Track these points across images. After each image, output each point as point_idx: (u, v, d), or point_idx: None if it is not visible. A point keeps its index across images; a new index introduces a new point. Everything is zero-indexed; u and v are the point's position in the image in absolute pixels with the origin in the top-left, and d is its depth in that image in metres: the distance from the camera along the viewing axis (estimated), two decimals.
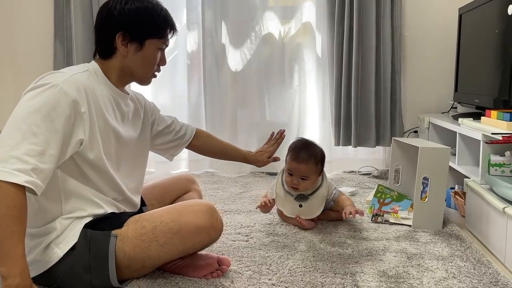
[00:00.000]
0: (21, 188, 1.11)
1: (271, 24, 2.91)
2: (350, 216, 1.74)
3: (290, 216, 1.85)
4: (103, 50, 1.36)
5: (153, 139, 1.64)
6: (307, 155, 1.78)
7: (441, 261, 1.52)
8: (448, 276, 1.40)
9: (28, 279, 1.11)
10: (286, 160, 1.86)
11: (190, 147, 1.74)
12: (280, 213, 1.94)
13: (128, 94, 1.45)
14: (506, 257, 1.50)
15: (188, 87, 2.97)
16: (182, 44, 2.95)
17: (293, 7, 2.89)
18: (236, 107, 2.96)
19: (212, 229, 1.33)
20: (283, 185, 1.88)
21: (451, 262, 1.51)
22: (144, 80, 1.43)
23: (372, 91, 2.75)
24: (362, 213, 1.80)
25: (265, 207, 1.89)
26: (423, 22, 2.82)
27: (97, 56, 1.38)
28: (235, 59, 2.92)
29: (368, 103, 2.77)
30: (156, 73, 1.43)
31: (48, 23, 2.94)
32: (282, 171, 1.91)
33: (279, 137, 1.84)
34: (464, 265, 1.49)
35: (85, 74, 1.31)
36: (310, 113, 2.96)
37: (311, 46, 2.90)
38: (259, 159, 1.80)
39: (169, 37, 1.40)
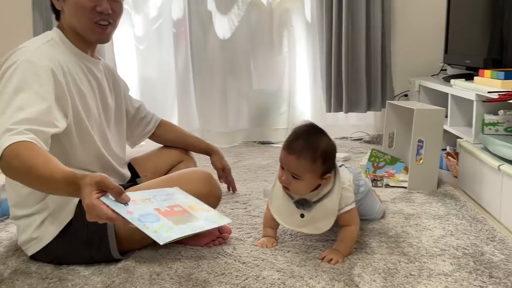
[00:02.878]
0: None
1: None
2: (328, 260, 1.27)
3: (290, 227, 1.38)
4: (54, 12, 1.34)
5: None
6: (302, 145, 1.25)
7: (437, 220, 1.54)
8: (446, 234, 1.43)
9: (90, 175, 1.03)
10: None
11: (152, 136, 1.71)
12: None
13: (100, 60, 1.41)
14: (502, 214, 1.53)
15: (175, 56, 2.89)
16: (166, 12, 2.85)
17: None
18: (225, 75, 2.90)
19: (211, 196, 1.33)
20: None
21: (448, 221, 1.53)
22: (88, 32, 1.30)
23: (362, 56, 2.72)
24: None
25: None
26: None
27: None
28: (223, 26, 2.84)
29: (358, 67, 2.75)
30: (100, 22, 1.30)
31: None
32: None
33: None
34: (461, 222, 1.51)
35: (50, 44, 1.26)
36: (301, 79, 2.93)
37: (300, 11, 2.85)
38: (215, 164, 1.88)
39: None
